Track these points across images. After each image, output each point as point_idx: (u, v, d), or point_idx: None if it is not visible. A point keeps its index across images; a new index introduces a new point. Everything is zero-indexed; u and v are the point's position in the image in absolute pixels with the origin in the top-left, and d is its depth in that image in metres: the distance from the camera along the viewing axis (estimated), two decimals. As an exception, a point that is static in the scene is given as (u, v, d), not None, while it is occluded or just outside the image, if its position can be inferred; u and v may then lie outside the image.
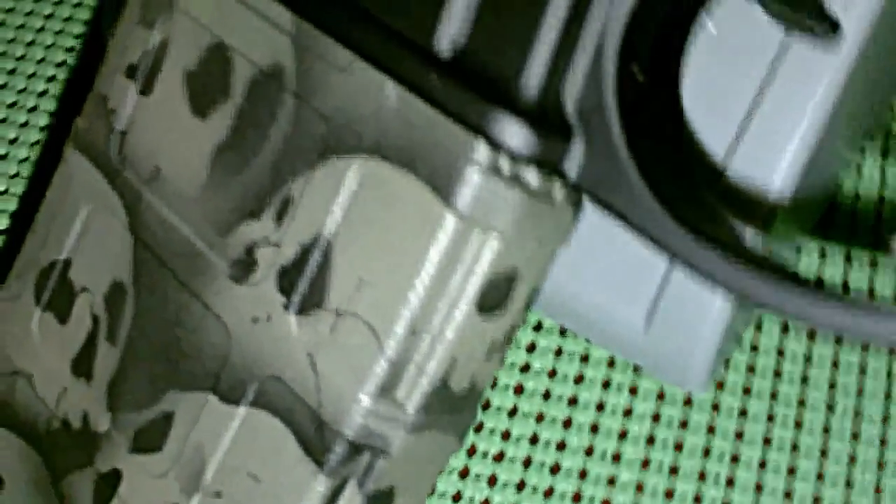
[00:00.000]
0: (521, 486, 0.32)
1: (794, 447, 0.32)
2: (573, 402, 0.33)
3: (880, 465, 0.31)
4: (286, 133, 0.23)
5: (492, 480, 0.32)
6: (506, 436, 0.32)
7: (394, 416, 0.22)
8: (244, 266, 0.24)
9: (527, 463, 0.32)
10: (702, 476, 0.32)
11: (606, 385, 0.33)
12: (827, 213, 0.35)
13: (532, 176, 0.21)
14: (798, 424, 0.32)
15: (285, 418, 0.23)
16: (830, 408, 0.32)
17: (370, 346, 0.22)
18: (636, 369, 0.33)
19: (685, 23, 0.21)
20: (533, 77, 0.21)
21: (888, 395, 0.32)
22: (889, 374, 0.32)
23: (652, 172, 0.21)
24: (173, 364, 0.24)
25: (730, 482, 0.31)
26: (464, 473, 0.32)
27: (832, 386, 0.32)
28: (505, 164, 0.21)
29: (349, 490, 0.23)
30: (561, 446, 0.32)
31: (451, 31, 0.21)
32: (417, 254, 0.22)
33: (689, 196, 0.21)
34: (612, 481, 0.32)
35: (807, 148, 0.29)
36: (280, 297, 0.23)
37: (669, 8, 0.21)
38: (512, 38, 0.21)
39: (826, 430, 0.32)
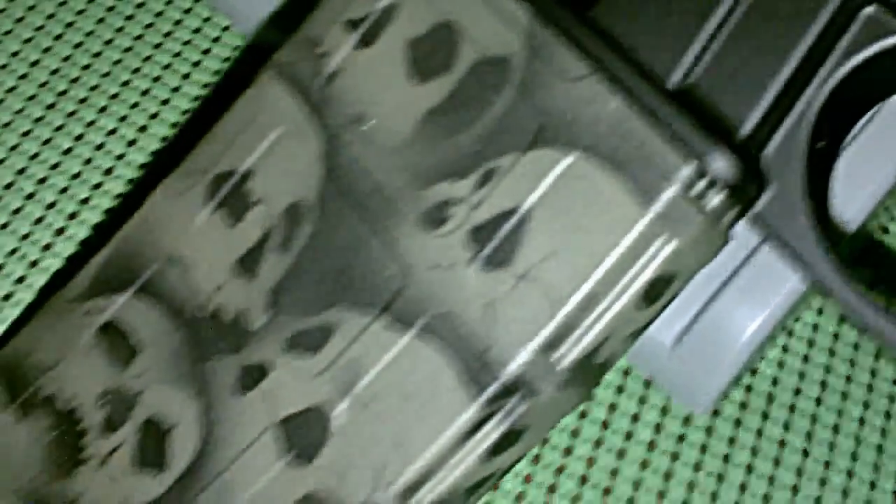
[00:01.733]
0: (535, 460, 0.36)
1: (771, 480, 0.37)
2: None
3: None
4: (500, 116, 0.27)
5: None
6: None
7: (547, 372, 0.26)
8: (435, 218, 0.27)
9: (542, 441, 0.36)
10: (690, 486, 0.36)
11: (619, 390, 0.38)
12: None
13: (717, 202, 0.26)
14: (776, 462, 0.37)
15: (449, 351, 0.26)
16: (806, 453, 0.37)
17: (544, 310, 0.26)
18: (647, 384, 0.38)
19: (865, 108, 0.26)
20: (749, 123, 0.25)
21: (854, 455, 0.38)
22: (857, 437, 0.38)
23: (819, 218, 0.25)
24: (345, 285, 0.28)
25: (714, 497, 0.36)
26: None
27: (809, 436, 0.38)
28: (701, 187, 0.25)
29: (491, 423, 0.26)
30: (574, 433, 0.37)
31: (686, 69, 0.26)
32: (607, 242, 0.26)
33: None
34: (615, 473, 0.36)
35: (885, 188, 0.35)
36: (467, 251, 0.27)
37: (859, 95, 0.26)
38: (742, 88, 0.25)
39: (799, 472, 0.37)
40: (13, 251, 0.37)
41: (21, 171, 0.39)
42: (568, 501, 0.36)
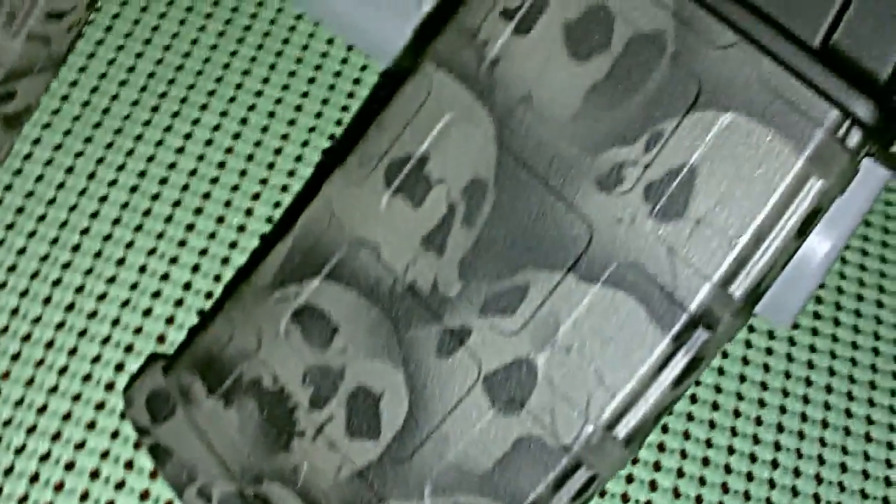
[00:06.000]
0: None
1: (851, 378, 0.42)
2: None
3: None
4: (659, 85, 0.31)
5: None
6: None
7: (725, 303, 0.30)
8: (612, 180, 0.31)
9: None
10: (784, 393, 0.41)
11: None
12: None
13: (856, 140, 0.30)
14: (853, 362, 0.42)
15: (638, 294, 0.30)
16: (876, 352, 0.43)
17: (723, 247, 0.30)
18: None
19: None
20: (884, 75, 0.29)
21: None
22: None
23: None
24: (532, 248, 0.31)
25: (805, 399, 0.41)
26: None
27: (876, 336, 0.43)
28: (844, 130, 0.30)
29: (679, 355, 0.30)
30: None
31: (826, 29, 0.30)
32: (769, 186, 0.30)
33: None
34: (718, 389, 0.41)
35: None
36: (646, 205, 0.30)
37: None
38: (878, 39, 0.29)
39: (874, 367, 0.42)
40: (204, 251, 0.40)
41: (193, 173, 0.41)
42: (683, 419, 0.40)
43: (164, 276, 0.39)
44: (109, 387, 0.37)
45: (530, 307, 0.31)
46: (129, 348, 0.38)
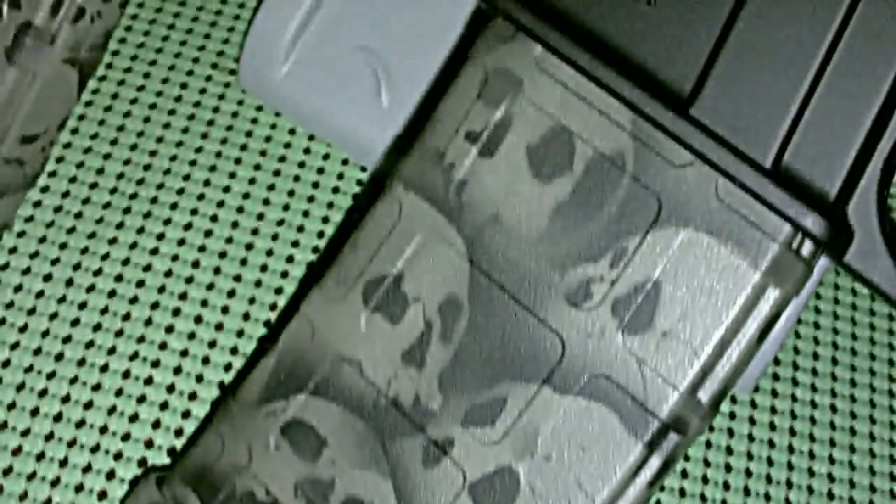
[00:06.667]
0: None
1: (811, 437, 0.44)
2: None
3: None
4: (621, 203, 0.32)
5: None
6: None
7: (695, 408, 0.32)
8: (580, 296, 0.32)
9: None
10: (749, 456, 0.43)
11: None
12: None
13: (809, 251, 0.32)
14: (812, 420, 0.44)
15: (611, 404, 0.32)
16: (833, 409, 0.45)
17: (688, 359, 0.32)
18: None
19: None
20: (833, 190, 0.31)
21: (872, 402, 0.45)
22: (870, 385, 0.45)
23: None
24: (508, 362, 0.33)
25: (769, 461, 0.43)
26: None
27: (833, 393, 0.45)
28: (797, 243, 0.31)
29: (653, 458, 0.32)
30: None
31: (778, 147, 0.31)
32: (729, 300, 0.31)
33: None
34: (685, 456, 0.43)
35: None
36: (614, 320, 0.32)
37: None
38: (827, 156, 0.31)
39: (832, 425, 0.44)
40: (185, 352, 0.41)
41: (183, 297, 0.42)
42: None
43: (148, 381, 0.40)
44: (102, 495, 0.38)
45: (509, 418, 0.33)
46: (118, 456, 0.39)
